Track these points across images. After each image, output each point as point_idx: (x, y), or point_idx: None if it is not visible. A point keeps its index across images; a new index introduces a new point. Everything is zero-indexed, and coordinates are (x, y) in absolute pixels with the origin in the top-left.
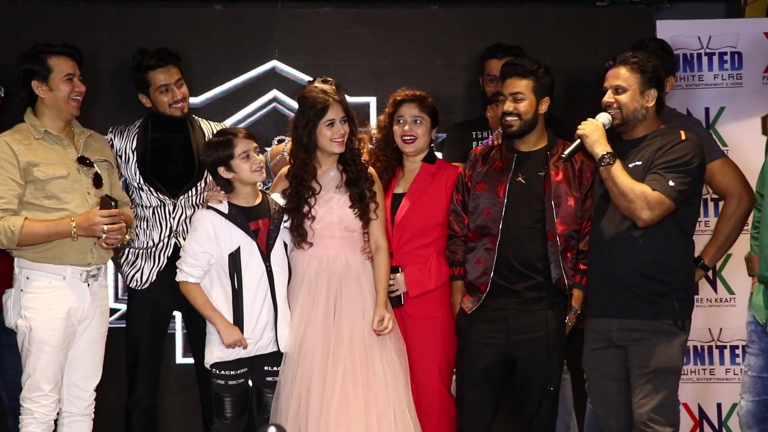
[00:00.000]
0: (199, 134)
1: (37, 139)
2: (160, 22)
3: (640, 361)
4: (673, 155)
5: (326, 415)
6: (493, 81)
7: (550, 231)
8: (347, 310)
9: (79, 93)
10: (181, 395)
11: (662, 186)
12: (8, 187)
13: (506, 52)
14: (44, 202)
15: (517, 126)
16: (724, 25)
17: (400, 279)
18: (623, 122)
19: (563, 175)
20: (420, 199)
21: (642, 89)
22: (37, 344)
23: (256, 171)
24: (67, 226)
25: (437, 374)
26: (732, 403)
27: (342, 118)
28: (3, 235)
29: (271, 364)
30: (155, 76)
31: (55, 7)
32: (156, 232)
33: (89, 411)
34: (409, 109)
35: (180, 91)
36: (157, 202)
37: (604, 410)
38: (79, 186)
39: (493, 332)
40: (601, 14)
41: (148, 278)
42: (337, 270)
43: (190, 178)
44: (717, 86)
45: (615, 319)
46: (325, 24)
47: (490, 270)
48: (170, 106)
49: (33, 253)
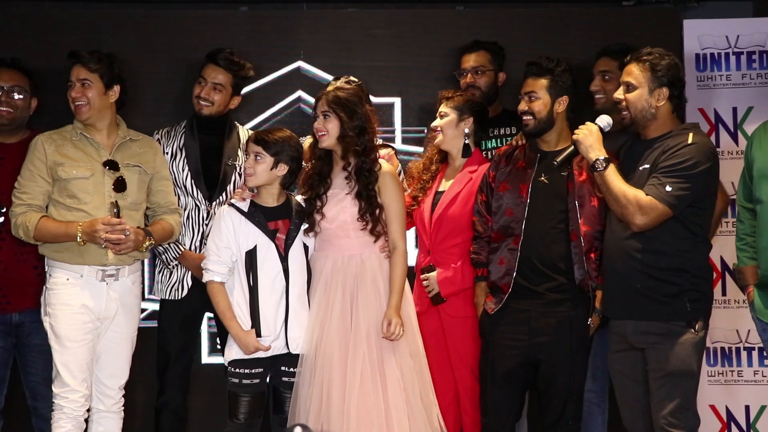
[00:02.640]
0: (234, 140)
1: (73, 140)
2: (185, 24)
3: (656, 365)
4: (675, 159)
5: (348, 416)
6: (462, 74)
7: (573, 231)
8: (363, 311)
9: (73, 98)
10: (207, 395)
11: (657, 191)
12: (36, 184)
13: (480, 45)
14: (66, 201)
15: (533, 125)
16: (753, 24)
17: (433, 278)
18: (632, 121)
19: (587, 175)
20: (456, 197)
21: (652, 87)
22: (59, 339)
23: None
24: (74, 231)
25: (471, 373)
26: (760, 405)
27: (322, 113)
28: (22, 229)
29: (287, 364)
30: (204, 68)
31: (81, 11)
32: (188, 237)
33: (117, 408)
34: (440, 106)
35: (212, 92)
36: (192, 205)
37: (629, 412)
38: (100, 188)
39: (516, 334)
40: (627, 14)
41: (183, 284)
42: (352, 270)
43: (218, 181)
44: (745, 86)
45: (631, 321)
46: (349, 25)
47: (513, 270)
48: (196, 98)
49: (54, 251)
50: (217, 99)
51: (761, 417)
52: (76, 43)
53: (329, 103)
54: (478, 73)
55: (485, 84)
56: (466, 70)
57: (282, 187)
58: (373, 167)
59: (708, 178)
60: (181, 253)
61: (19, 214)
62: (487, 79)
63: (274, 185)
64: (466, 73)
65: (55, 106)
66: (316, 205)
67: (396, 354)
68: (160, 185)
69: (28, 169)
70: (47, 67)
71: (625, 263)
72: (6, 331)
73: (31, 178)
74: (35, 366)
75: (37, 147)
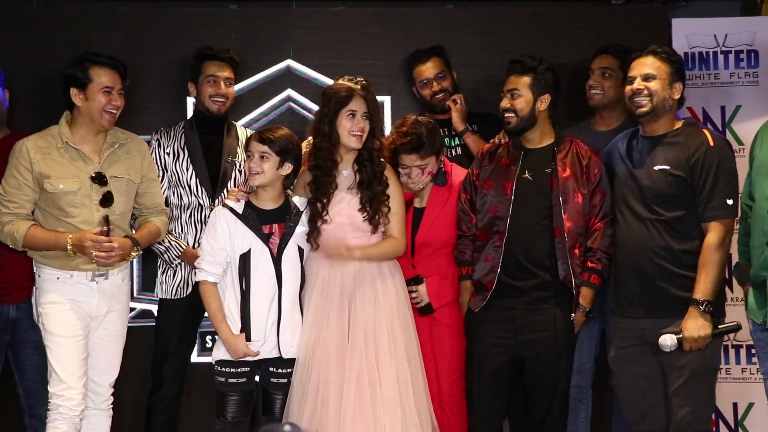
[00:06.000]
0: (233, 138)
1: (59, 148)
2: (175, 22)
3: (678, 362)
4: (725, 177)
5: (343, 419)
6: (426, 85)
7: (557, 228)
8: (361, 314)
9: (116, 107)
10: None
11: (722, 212)
12: (22, 192)
13: (429, 53)
14: (54, 212)
15: (515, 122)
16: (741, 23)
17: (422, 290)
18: (652, 111)
19: (570, 171)
20: (440, 215)
21: (671, 80)
22: (51, 337)
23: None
24: (64, 242)
25: (456, 380)
26: (748, 403)
27: (364, 113)
28: (9, 238)
29: (275, 366)
30: (208, 66)
31: (69, 8)
32: (191, 236)
33: (106, 406)
34: (411, 160)
35: (225, 89)
36: (196, 204)
37: (633, 409)
38: (88, 201)
39: (502, 332)
40: (616, 12)
41: (188, 282)
42: (349, 272)
43: (218, 179)
44: (733, 84)
45: (647, 320)
46: (339, 23)
47: (497, 267)
48: (210, 98)
49: (41, 255)
50: (230, 94)
51: (749, 414)
52: (65, 41)
53: (369, 106)
54: (440, 78)
55: (450, 85)
56: (429, 79)
57: (283, 188)
58: (382, 173)
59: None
60: (182, 250)
61: (6, 223)
62: (450, 81)
63: (276, 186)
64: (429, 82)
65: (44, 107)
66: (318, 208)
67: (393, 358)
68: (147, 187)
69: (13, 176)
70: (42, 66)
71: (644, 262)
72: (1, 327)
73: (17, 186)
74: (30, 363)
75: (22, 154)
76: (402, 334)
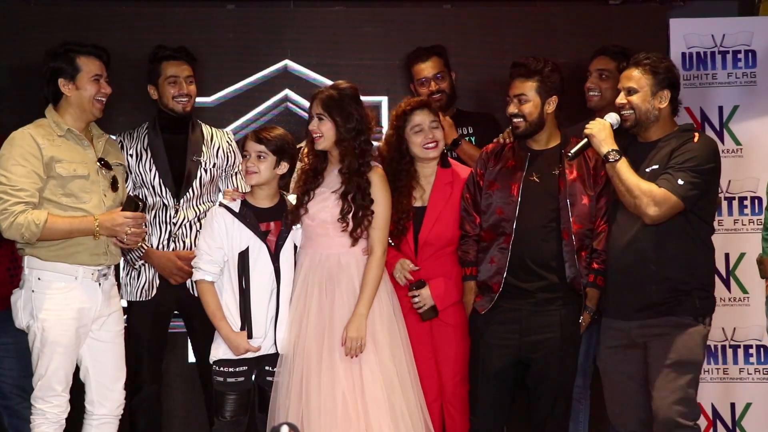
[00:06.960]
0: (198, 136)
1: (59, 137)
2: (172, 22)
3: (661, 353)
4: (686, 156)
5: (326, 416)
6: (424, 84)
7: (565, 230)
8: (339, 312)
9: (104, 94)
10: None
11: (670, 184)
12: (31, 180)
13: (430, 52)
14: (62, 200)
15: (524, 127)
16: (738, 23)
17: (425, 294)
18: (636, 123)
19: (578, 173)
20: (442, 213)
21: (654, 90)
22: (50, 345)
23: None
24: (90, 225)
25: (459, 381)
26: (746, 403)
27: (317, 115)
28: (26, 228)
29: (271, 363)
30: (167, 67)
31: (68, 8)
32: (155, 236)
33: (119, 411)
34: (424, 116)
35: (188, 88)
36: (160, 204)
37: (620, 409)
38: (97, 187)
39: (507, 333)
40: (613, 13)
41: (152, 285)
42: (328, 268)
43: (183, 179)
44: (731, 85)
45: (635, 321)
46: (337, 23)
47: (504, 269)
48: (174, 98)
49: (46, 251)
50: (193, 92)
51: (747, 414)
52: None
53: (323, 105)
54: (438, 78)
55: (449, 86)
56: (427, 78)
57: (278, 187)
58: (365, 170)
59: (714, 176)
60: (145, 251)
61: (19, 213)
62: (448, 82)
63: (271, 185)
64: (427, 81)
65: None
66: (303, 200)
67: (374, 353)
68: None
69: (20, 164)
70: (35, 65)
71: (634, 263)
72: None
73: (26, 175)
74: (4, 366)
75: (27, 141)
76: (386, 334)
